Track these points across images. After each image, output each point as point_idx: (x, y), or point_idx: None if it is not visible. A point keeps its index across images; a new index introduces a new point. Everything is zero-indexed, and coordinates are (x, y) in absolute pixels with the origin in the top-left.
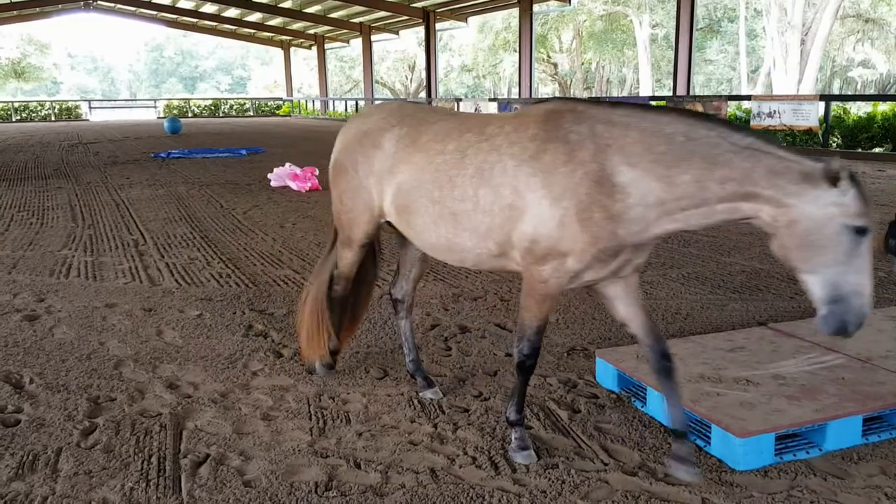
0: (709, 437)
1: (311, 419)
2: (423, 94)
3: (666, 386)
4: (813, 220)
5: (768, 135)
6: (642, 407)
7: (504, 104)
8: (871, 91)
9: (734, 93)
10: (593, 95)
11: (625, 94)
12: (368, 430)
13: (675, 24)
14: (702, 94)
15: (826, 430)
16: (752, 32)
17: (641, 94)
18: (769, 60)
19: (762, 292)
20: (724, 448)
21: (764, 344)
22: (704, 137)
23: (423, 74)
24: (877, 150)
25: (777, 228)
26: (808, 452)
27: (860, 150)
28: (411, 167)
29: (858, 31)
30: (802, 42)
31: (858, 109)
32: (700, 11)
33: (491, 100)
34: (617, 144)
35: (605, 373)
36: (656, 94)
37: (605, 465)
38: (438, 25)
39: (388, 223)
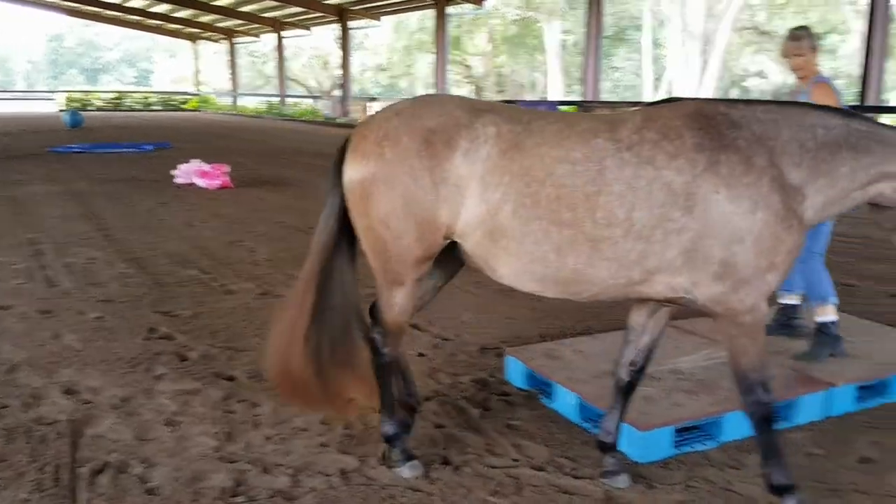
0: None
1: (218, 424)
2: (337, 93)
3: (621, 402)
4: None
5: (869, 118)
6: (550, 403)
7: None
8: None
9: (639, 99)
10: (506, 99)
11: (536, 97)
12: (278, 434)
13: (584, 31)
14: (609, 99)
15: (722, 423)
16: (656, 41)
17: (551, 99)
18: (672, 69)
19: None
20: (627, 442)
21: (666, 341)
22: (838, 127)
23: (338, 73)
24: None
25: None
26: (705, 444)
27: None
28: (518, 179)
29: (754, 43)
30: (703, 52)
31: None
32: (607, 20)
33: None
34: (779, 145)
35: (516, 371)
36: (566, 98)
37: (515, 461)
38: (352, 24)
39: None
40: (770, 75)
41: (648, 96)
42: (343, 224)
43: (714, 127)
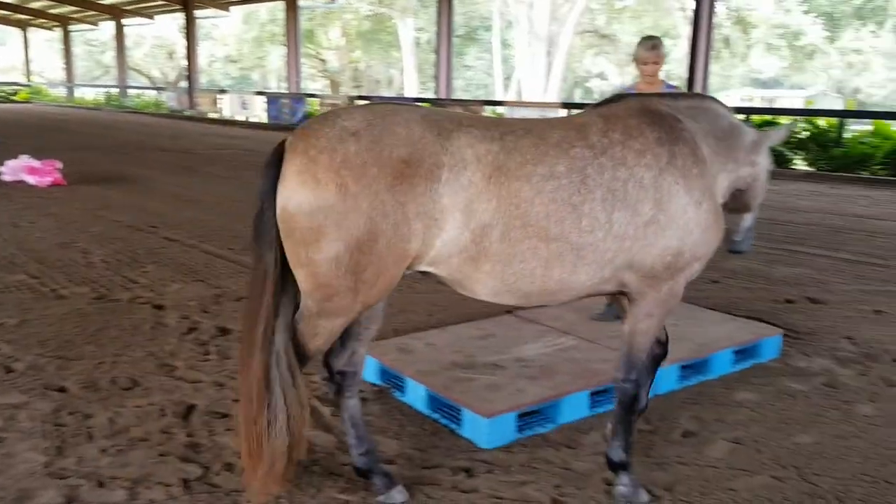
0: (458, 421)
1: (48, 438)
2: (183, 83)
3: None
4: (765, 172)
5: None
6: (402, 397)
7: (273, 99)
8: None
9: (491, 98)
10: (363, 94)
11: (393, 94)
12: (114, 446)
13: (435, 29)
14: (463, 97)
15: (560, 406)
16: (505, 42)
17: (407, 95)
18: (520, 69)
19: None
20: (474, 428)
21: (510, 330)
22: (728, 115)
23: (184, 63)
24: None
25: (750, 183)
26: (544, 426)
27: None
28: (507, 202)
29: (595, 46)
30: (548, 53)
31: None
32: (459, 19)
33: (258, 93)
34: (701, 135)
35: (369, 367)
36: (422, 95)
37: None
38: (199, 13)
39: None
40: (610, 77)
41: (500, 95)
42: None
43: (665, 121)
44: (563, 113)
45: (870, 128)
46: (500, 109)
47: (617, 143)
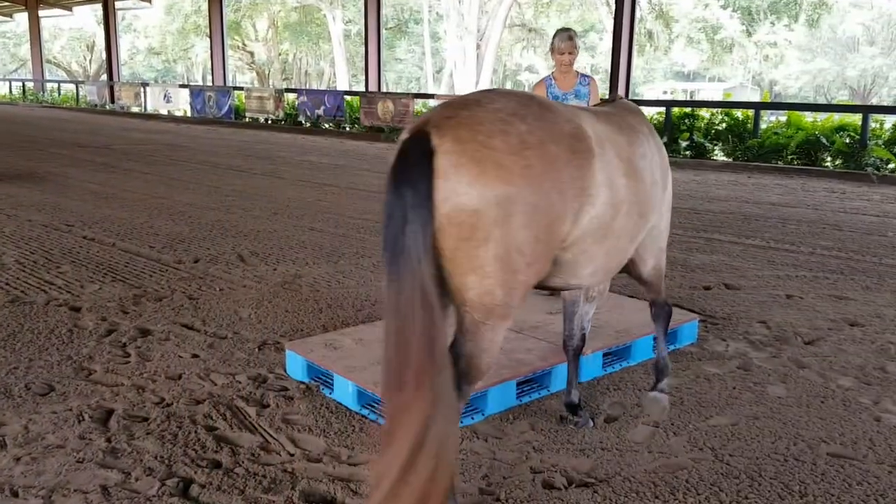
0: None
1: None
2: (104, 77)
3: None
4: None
5: None
6: (330, 394)
7: (198, 91)
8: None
9: (422, 91)
10: (292, 87)
11: (324, 86)
12: (28, 454)
13: (364, 21)
14: (394, 90)
15: (487, 396)
16: (435, 35)
17: (339, 88)
18: (451, 62)
19: None
20: None
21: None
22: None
23: (104, 56)
24: None
25: None
26: (473, 418)
27: None
28: (630, 178)
29: (524, 40)
30: (478, 46)
31: None
32: (388, 11)
33: (182, 86)
34: None
35: (296, 364)
36: (353, 88)
37: (291, 455)
38: (119, 3)
39: None
40: (540, 70)
41: (431, 88)
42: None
43: (642, 115)
44: None
45: (784, 118)
46: (431, 102)
47: (642, 132)
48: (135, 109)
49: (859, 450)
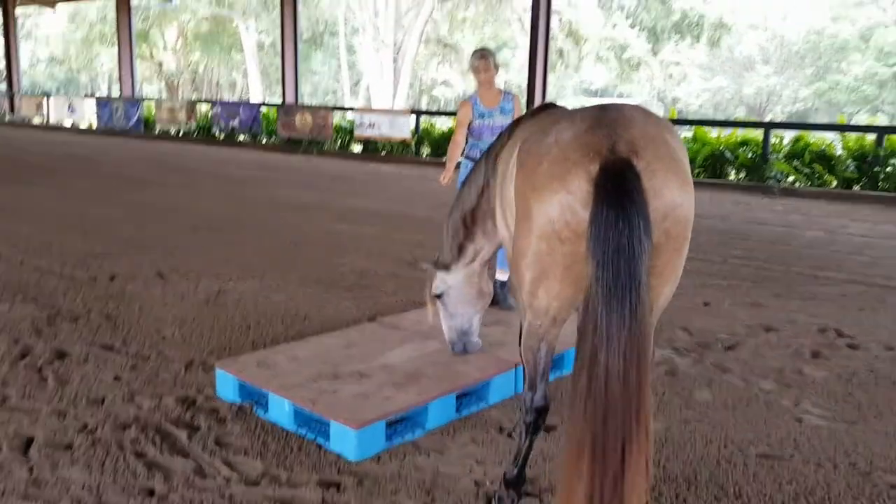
0: (327, 435)
1: None
2: (3, 86)
3: None
4: None
5: None
6: (264, 414)
7: (104, 102)
8: (451, 108)
9: (339, 104)
10: (203, 98)
11: (236, 98)
12: None
13: (279, 32)
14: (310, 103)
15: (428, 411)
16: (351, 48)
17: (253, 100)
18: (368, 75)
19: (370, 289)
20: (342, 441)
21: (374, 337)
22: None
23: (2, 64)
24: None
25: None
26: (413, 433)
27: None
28: None
29: (440, 55)
30: (395, 60)
31: (442, 124)
32: (304, 23)
33: (88, 96)
34: None
35: (227, 384)
36: (267, 100)
37: (227, 479)
38: (20, 10)
39: None
40: (454, 85)
41: (348, 101)
42: None
43: None
44: (413, 119)
45: (690, 134)
46: (350, 116)
47: None
48: (36, 121)
49: (786, 450)
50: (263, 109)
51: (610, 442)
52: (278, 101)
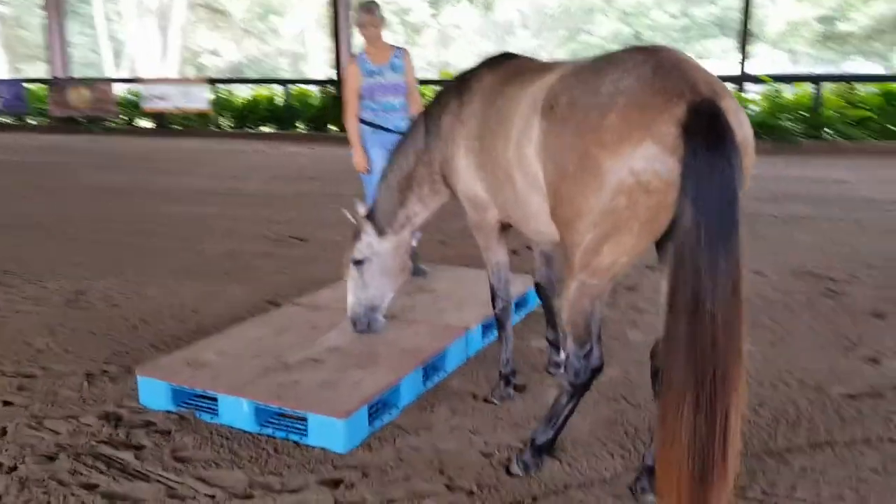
0: (303, 430)
1: None
2: None
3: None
4: None
5: None
6: (214, 418)
7: None
8: (229, 76)
9: (102, 75)
10: None
11: None
12: None
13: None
14: (76, 76)
15: (400, 389)
16: (108, 16)
17: (18, 78)
18: (131, 45)
19: (249, 271)
20: (326, 434)
21: (302, 321)
22: None
23: None
24: (263, 129)
25: None
26: (391, 414)
27: (249, 129)
28: None
29: (208, 20)
30: (161, 28)
31: (242, 93)
32: None
33: None
34: None
35: (154, 392)
36: (26, 76)
37: (212, 497)
38: None
39: None
40: (224, 54)
41: (110, 73)
42: None
43: None
44: (206, 87)
45: None
46: (136, 87)
47: None
48: None
49: None
50: (28, 86)
51: (715, 386)
52: (38, 76)
